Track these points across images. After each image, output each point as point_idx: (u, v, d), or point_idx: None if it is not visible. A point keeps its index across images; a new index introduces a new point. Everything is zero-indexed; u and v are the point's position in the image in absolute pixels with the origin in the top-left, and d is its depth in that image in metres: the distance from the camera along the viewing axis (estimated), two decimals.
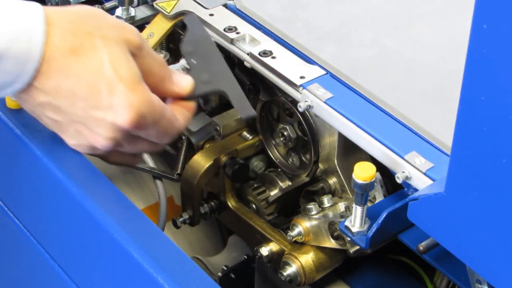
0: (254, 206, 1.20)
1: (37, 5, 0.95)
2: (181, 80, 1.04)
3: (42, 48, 0.93)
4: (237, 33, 1.14)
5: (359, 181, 0.92)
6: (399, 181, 0.96)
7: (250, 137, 1.21)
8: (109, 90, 0.95)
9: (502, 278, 0.78)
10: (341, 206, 1.09)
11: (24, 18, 0.93)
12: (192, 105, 1.06)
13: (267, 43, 1.12)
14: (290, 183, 1.18)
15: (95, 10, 1.01)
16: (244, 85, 1.18)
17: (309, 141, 1.12)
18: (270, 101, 1.16)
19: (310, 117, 1.11)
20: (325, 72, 1.08)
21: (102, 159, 1.08)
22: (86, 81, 0.95)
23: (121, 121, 0.96)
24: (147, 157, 1.35)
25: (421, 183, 0.94)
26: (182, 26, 1.25)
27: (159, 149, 1.07)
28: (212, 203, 1.23)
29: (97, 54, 0.95)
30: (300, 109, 1.06)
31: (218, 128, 1.21)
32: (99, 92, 0.95)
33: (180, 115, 1.04)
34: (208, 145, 1.23)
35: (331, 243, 1.08)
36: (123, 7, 1.26)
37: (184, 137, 1.28)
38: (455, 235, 0.81)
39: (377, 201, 1.03)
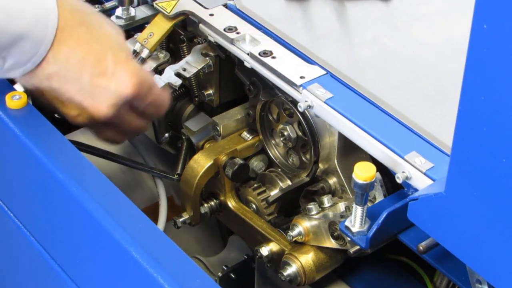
0: (254, 206, 1.20)
1: None
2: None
3: (55, 32, 1.01)
4: (237, 33, 1.14)
5: (359, 181, 0.92)
6: (399, 181, 0.96)
7: (250, 137, 1.21)
8: (114, 58, 1.04)
9: (502, 278, 0.78)
10: (341, 206, 1.09)
11: (41, 2, 1.01)
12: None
13: (267, 43, 1.12)
14: (290, 183, 1.18)
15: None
16: (244, 85, 1.18)
17: (309, 141, 1.12)
18: (270, 101, 1.16)
19: (310, 117, 1.10)
20: (325, 72, 1.08)
21: (94, 134, 1.16)
22: (95, 50, 1.04)
23: (123, 88, 1.05)
24: (147, 157, 1.35)
25: (421, 183, 0.94)
26: (182, 26, 1.26)
27: (146, 126, 1.17)
28: (212, 203, 1.23)
29: (104, 28, 1.06)
30: (300, 109, 1.06)
31: (218, 128, 1.21)
32: (106, 60, 1.04)
33: (164, 90, 1.16)
34: (208, 145, 1.23)
35: (331, 243, 1.08)
36: (123, 7, 1.26)
37: (184, 137, 1.28)
38: (455, 235, 0.81)
39: (377, 201, 1.03)
